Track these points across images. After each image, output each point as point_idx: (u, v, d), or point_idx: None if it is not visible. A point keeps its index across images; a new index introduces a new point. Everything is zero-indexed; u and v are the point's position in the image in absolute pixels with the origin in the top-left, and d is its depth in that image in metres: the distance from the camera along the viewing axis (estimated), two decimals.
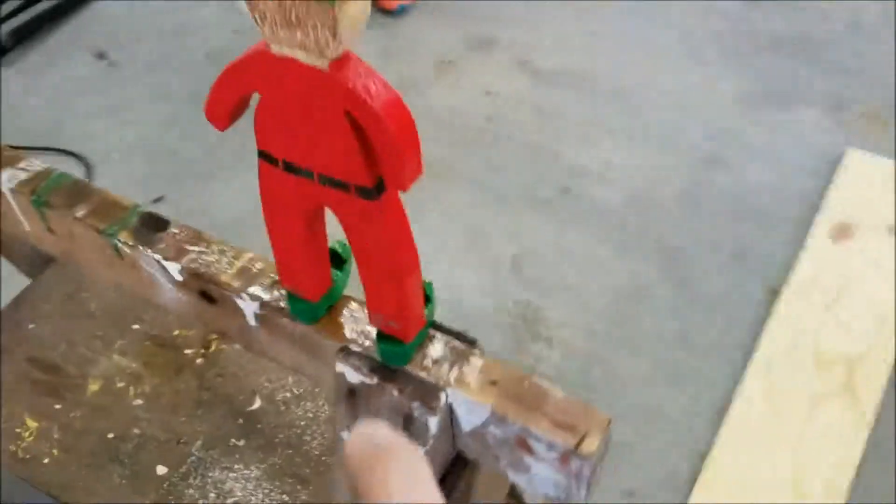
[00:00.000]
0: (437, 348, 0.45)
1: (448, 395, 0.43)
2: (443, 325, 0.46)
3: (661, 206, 1.61)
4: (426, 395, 0.43)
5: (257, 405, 0.81)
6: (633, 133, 1.78)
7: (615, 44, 2.00)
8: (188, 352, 0.88)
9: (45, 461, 0.81)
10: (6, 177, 0.60)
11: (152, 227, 0.54)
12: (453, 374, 0.43)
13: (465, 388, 0.43)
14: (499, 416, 0.41)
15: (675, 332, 1.38)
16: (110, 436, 0.82)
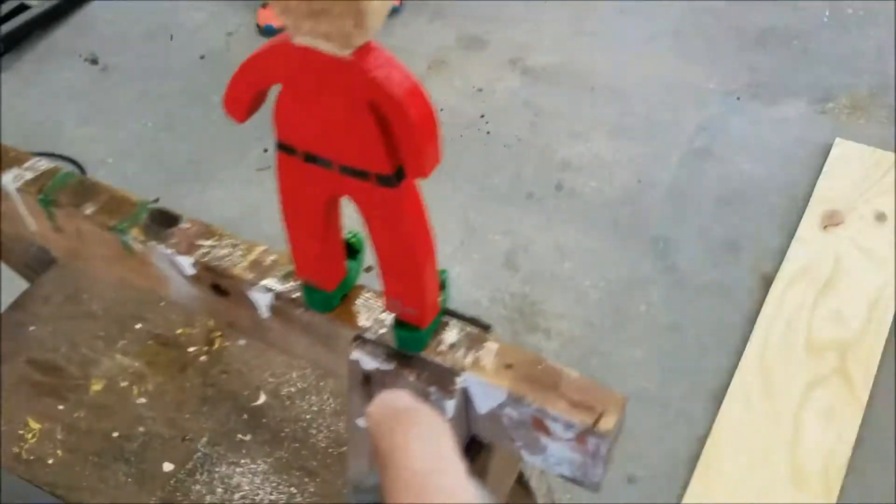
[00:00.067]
0: (452, 334, 0.45)
1: (464, 378, 0.44)
2: (456, 311, 0.47)
3: (652, 199, 1.63)
4: (442, 380, 0.44)
5: (262, 400, 0.82)
6: (623, 128, 1.79)
7: (605, 41, 2.02)
8: (191, 350, 0.88)
9: (50, 462, 0.81)
10: (11, 176, 0.61)
11: (163, 222, 0.54)
12: (469, 359, 0.44)
13: (481, 372, 0.43)
14: (515, 397, 0.42)
15: (669, 321, 1.40)
16: (115, 435, 0.82)
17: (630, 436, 1.21)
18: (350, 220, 0.44)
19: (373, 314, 0.47)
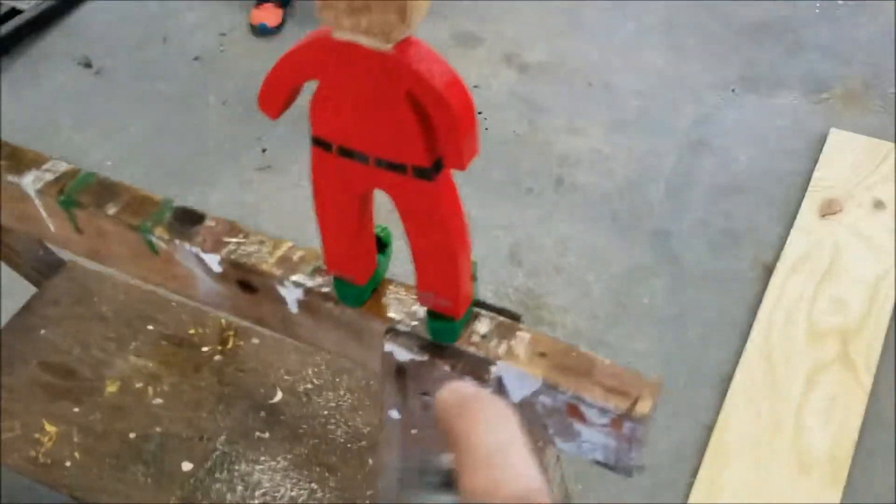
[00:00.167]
0: (484, 324, 0.46)
1: (498, 367, 0.44)
2: (486, 302, 0.47)
3: (651, 192, 1.64)
4: (477, 369, 0.44)
5: (279, 398, 0.82)
6: (620, 122, 1.80)
7: (599, 36, 2.03)
8: (205, 349, 0.88)
9: (67, 465, 0.81)
10: (31, 178, 0.61)
11: (187, 220, 0.54)
12: (502, 348, 0.45)
13: (515, 361, 0.44)
14: (550, 385, 0.43)
15: (672, 312, 1.41)
16: (132, 436, 0.82)
17: None
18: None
19: (403, 307, 0.47)
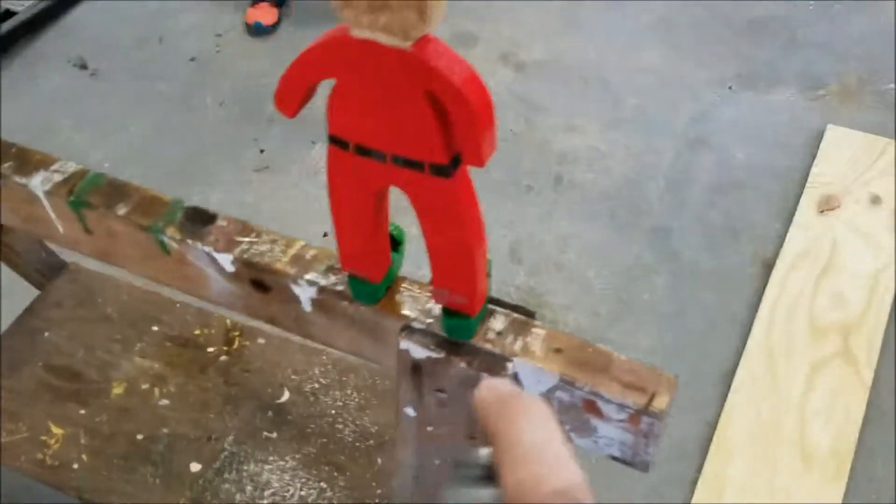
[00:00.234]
0: (499, 321, 0.46)
1: (515, 364, 0.44)
2: (500, 299, 0.48)
3: (650, 189, 1.65)
4: (494, 366, 0.44)
5: (286, 397, 0.82)
6: (618, 119, 1.81)
7: (595, 34, 2.03)
8: (211, 350, 0.88)
9: (75, 467, 0.81)
10: (40, 179, 0.61)
11: (199, 220, 0.54)
12: (518, 345, 0.45)
13: (531, 357, 0.44)
14: (567, 381, 0.43)
15: (673, 308, 1.42)
16: (139, 437, 0.82)
17: None
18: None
19: (418, 304, 0.48)
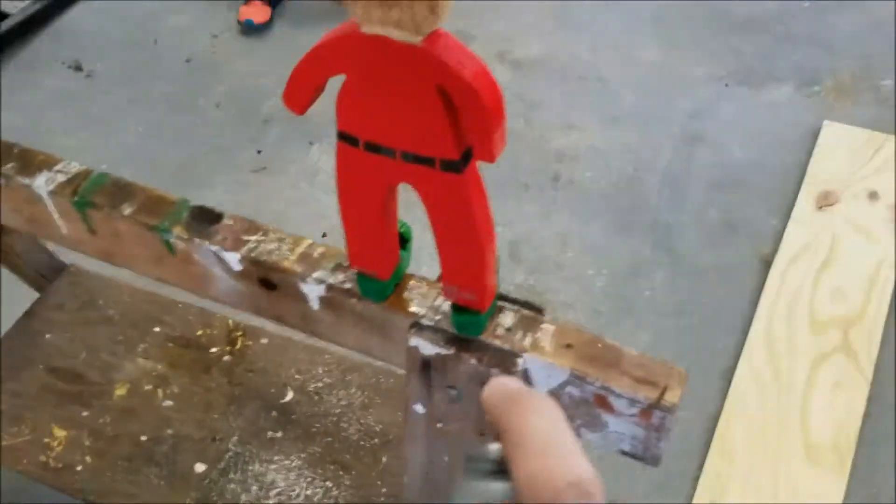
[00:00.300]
0: (508, 317, 0.46)
1: (525, 360, 0.44)
2: (508, 295, 0.48)
3: (648, 186, 1.65)
4: (504, 362, 0.44)
5: (290, 397, 0.82)
6: (615, 117, 1.81)
7: (589, 32, 2.04)
8: (214, 350, 0.88)
9: (79, 469, 0.81)
10: (44, 180, 0.60)
11: (205, 219, 0.54)
12: (527, 340, 0.45)
13: (542, 353, 0.44)
14: (578, 376, 0.43)
15: (674, 304, 1.42)
16: (143, 438, 0.82)
17: None
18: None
19: (426, 301, 0.48)
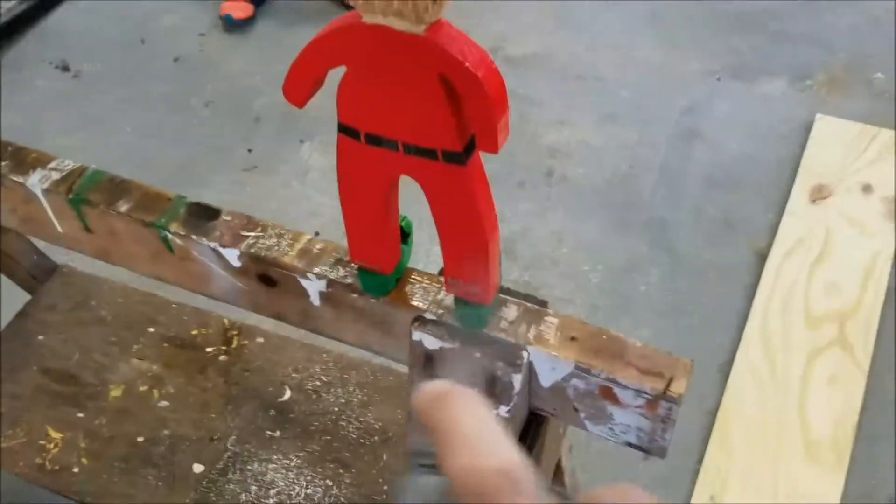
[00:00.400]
0: (512, 310, 0.46)
1: (529, 353, 0.44)
2: (511, 289, 0.47)
3: (643, 182, 1.65)
4: (509, 355, 0.44)
5: (288, 396, 0.81)
6: (609, 113, 1.81)
7: (583, 28, 2.03)
8: (209, 350, 0.87)
9: (75, 470, 0.80)
10: (38, 178, 0.60)
11: (202, 216, 0.54)
12: (532, 333, 0.44)
13: (546, 345, 0.44)
14: (583, 368, 0.43)
15: (670, 300, 1.42)
16: (140, 439, 0.81)
17: None
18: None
19: (428, 295, 0.47)
